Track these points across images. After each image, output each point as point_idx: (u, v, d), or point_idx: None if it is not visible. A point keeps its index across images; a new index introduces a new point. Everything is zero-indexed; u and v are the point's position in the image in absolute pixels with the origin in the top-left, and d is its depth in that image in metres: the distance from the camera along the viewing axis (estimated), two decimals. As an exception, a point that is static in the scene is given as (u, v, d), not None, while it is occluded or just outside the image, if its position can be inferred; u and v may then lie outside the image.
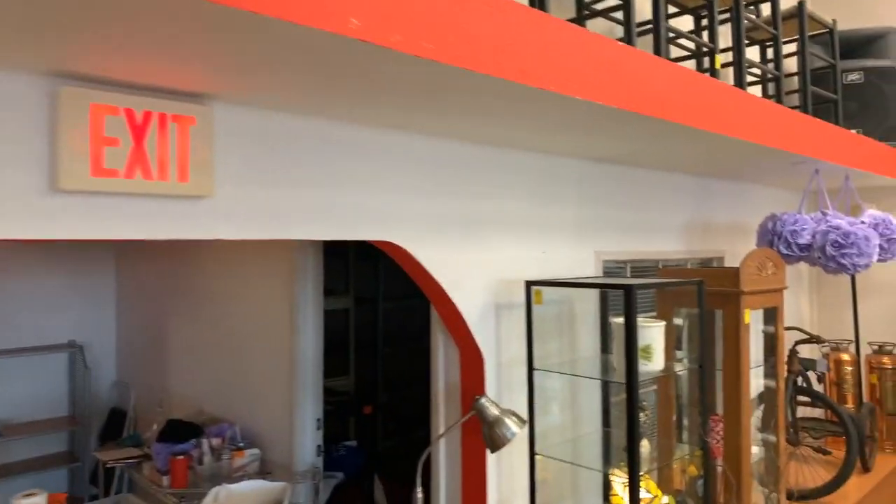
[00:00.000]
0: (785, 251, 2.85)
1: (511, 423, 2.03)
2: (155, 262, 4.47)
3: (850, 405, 3.72)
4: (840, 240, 2.70)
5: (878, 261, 3.07)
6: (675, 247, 3.22)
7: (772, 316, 2.61)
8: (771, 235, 2.90)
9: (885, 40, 3.89)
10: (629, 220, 2.92)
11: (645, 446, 2.10)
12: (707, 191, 3.44)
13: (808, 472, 3.26)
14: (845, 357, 3.73)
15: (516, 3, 1.43)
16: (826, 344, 3.85)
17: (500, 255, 2.29)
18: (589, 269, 2.69)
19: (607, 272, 2.88)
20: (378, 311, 4.68)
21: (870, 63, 3.83)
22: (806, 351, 4.32)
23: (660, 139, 2.21)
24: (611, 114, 1.79)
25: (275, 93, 1.51)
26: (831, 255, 2.72)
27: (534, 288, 2.17)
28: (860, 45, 3.96)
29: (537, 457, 2.16)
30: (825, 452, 3.10)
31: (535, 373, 2.21)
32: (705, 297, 2.44)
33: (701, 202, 3.40)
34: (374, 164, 1.90)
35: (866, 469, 3.33)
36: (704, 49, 2.71)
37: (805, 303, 4.47)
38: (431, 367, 2.38)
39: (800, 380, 3.35)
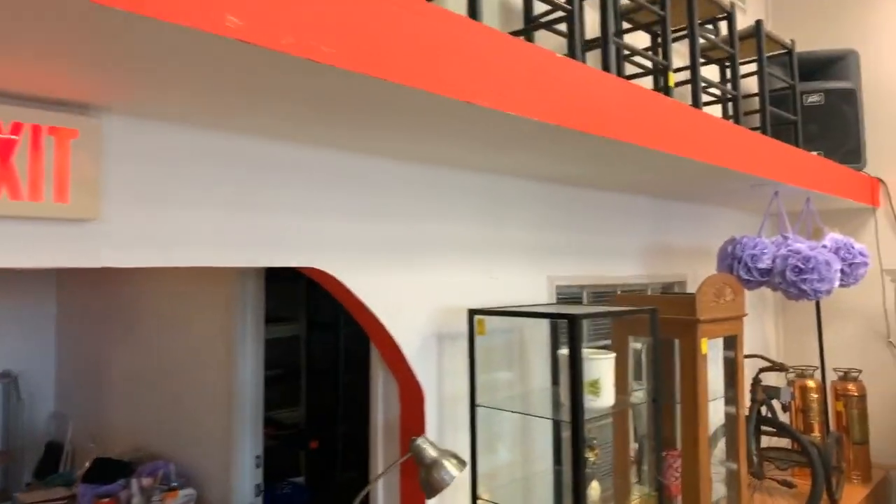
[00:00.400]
0: (745, 276, 2.75)
1: (450, 466, 1.87)
2: (97, 287, 4.24)
3: (816, 434, 3.61)
4: (800, 265, 2.60)
5: (840, 286, 2.99)
6: (635, 271, 3.11)
7: (732, 344, 2.49)
8: (731, 259, 2.79)
9: (846, 62, 3.87)
10: (585, 243, 2.80)
11: (594, 489, 1.95)
12: (667, 213, 3.35)
13: (775, 506, 3.13)
14: (811, 384, 3.63)
15: (436, 7, 1.30)
16: (792, 371, 3.76)
17: (443, 281, 2.14)
18: (542, 294, 2.55)
19: (564, 298, 2.75)
20: (339, 335, 4.49)
21: (830, 85, 3.80)
22: (772, 379, 4.22)
23: (610, 159, 2.10)
24: (552, 131, 1.67)
25: (169, 103, 1.35)
26: (792, 281, 2.62)
27: (476, 317, 2.02)
28: (821, 66, 3.93)
29: (479, 502, 1.99)
30: (790, 486, 2.97)
31: (480, 409, 2.06)
32: (662, 326, 2.31)
33: (661, 225, 3.30)
34: (292, 183, 1.74)
35: (833, 501, 3.21)
36: (661, 66, 2.62)
37: (770, 328, 4.39)
38: (370, 403, 2.21)
39: (764, 409, 3.24)
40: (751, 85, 3.83)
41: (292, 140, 1.73)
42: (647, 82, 3.04)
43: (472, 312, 2.02)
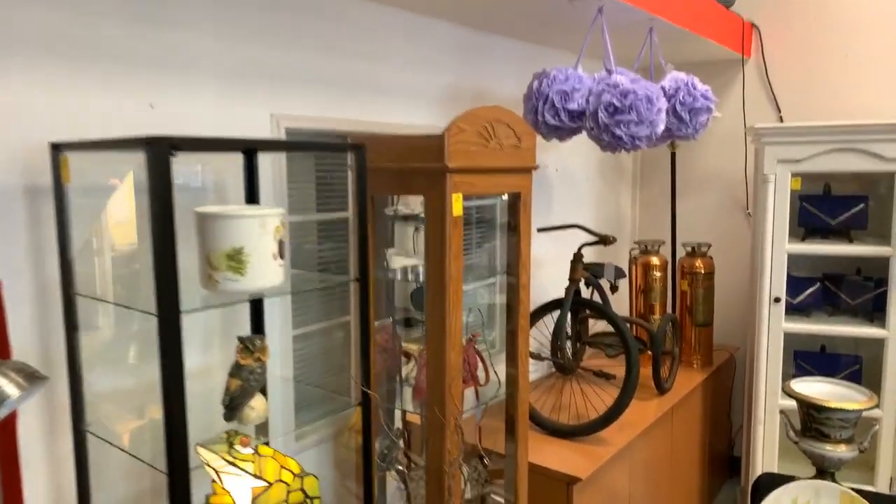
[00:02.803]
0: (553, 121, 2.11)
1: (6, 385, 1.19)
2: None
3: (657, 316, 3.21)
4: (616, 102, 1.97)
5: (679, 137, 2.42)
6: (429, 119, 2.42)
7: (515, 207, 1.88)
8: (535, 99, 2.13)
9: None
10: (345, 74, 2.05)
11: (255, 408, 1.33)
12: (481, 49, 2.62)
13: (593, 400, 2.71)
14: (655, 261, 3.17)
15: None
16: (636, 246, 3.28)
17: (42, 104, 1.37)
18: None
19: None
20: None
21: None
22: (622, 258, 3.76)
23: None
24: None
25: None
26: (605, 124, 2.00)
27: (62, 154, 1.28)
28: None
29: (89, 436, 1.34)
30: (607, 377, 2.53)
31: (85, 301, 1.36)
32: (409, 180, 1.65)
33: (472, 63, 2.58)
34: None
35: (661, 390, 2.82)
36: None
37: (626, 201, 3.89)
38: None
39: (590, 290, 2.75)
40: None
41: None
42: None
43: (56, 147, 1.27)
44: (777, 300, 2.84)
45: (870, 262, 3.02)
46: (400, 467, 1.96)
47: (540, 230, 2.54)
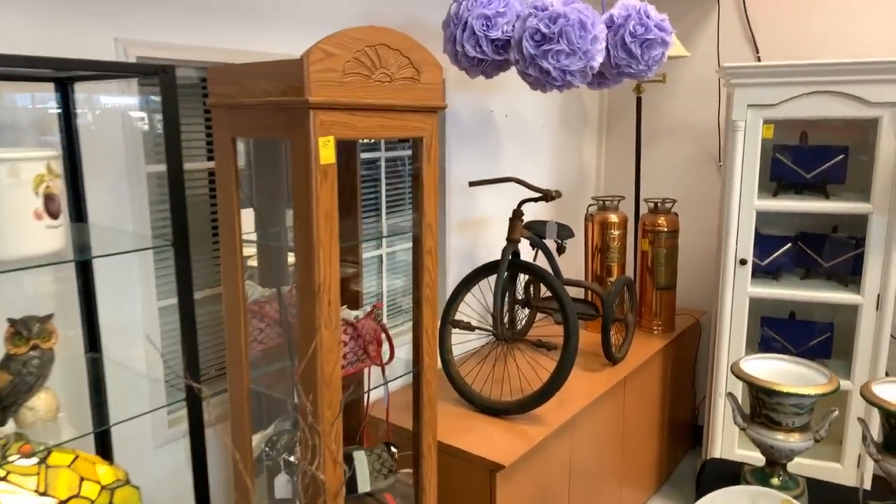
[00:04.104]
0: (473, 52, 1.77)
1: None
2: None
3: (615, 279, 2.93)
4: (543, 28, 1.63)
5: (628, 75, 2.08)
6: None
7: (417, 155, 1.57)
8: (454, 26, 1.80)
9: None
10: (221, -5, 1.71)
11: (39, 406, 1.04)
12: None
13: (532, 374, 2.46)
14: (613, 219, 2.88)
15: None
16: (594, 203, 2.98)
17: None
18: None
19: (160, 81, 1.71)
20: None
21: None
22: (572, 215, 3.46)
23: None
24: None
25: None
26: (530, 55, 1.67)
27: None
28: None
29: None
30: (548, 347, 2.26)
31: None
32: (264, 118, 1.34)
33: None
34: None
35: (613, 360, 2.57)
36: None
37: (590, 151, 3.57)
38: None
39: (535, 251, 2.46)
40: None
41: None
42: None
43: None
44: (743, 262, 2.56)
45: (847, 220, 2.74)
46: (291, 458, 1.71)
47: (472, 184, 2.23)
